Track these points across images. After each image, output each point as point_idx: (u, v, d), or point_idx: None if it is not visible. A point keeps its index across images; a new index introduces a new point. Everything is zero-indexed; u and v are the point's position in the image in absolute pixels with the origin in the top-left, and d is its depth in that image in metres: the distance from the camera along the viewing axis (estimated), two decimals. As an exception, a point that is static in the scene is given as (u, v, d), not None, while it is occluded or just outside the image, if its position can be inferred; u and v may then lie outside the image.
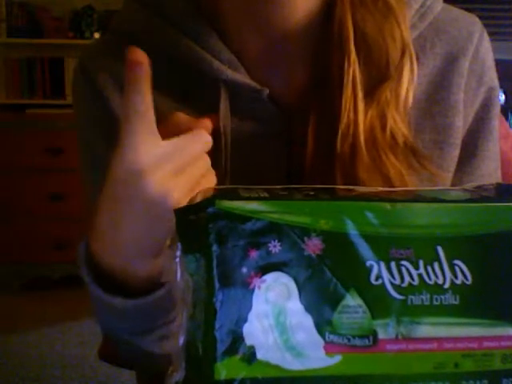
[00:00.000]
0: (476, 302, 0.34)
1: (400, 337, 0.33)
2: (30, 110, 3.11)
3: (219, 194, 0.34)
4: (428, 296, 0.33)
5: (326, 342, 0.33)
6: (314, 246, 0.33)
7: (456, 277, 0.33)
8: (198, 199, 0.34)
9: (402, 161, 0.54)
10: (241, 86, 0.56)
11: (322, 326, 0.33)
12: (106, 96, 0.60)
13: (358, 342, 0.33)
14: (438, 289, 0.33)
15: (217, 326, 0.32)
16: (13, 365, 2.22)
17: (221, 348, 0.32)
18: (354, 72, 0.53)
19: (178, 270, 0.35)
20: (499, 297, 0.34)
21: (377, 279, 0.33)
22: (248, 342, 0.32)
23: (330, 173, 0.54)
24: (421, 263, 0.33)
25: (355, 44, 0.54)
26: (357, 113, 0.53)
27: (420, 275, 0.33)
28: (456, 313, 0.33)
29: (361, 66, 0.54)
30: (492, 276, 0.34)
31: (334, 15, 0.55)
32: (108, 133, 0.60)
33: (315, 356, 0.33)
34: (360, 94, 0.53)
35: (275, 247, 0.33)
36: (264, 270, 0.33)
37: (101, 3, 3.13)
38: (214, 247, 0.33)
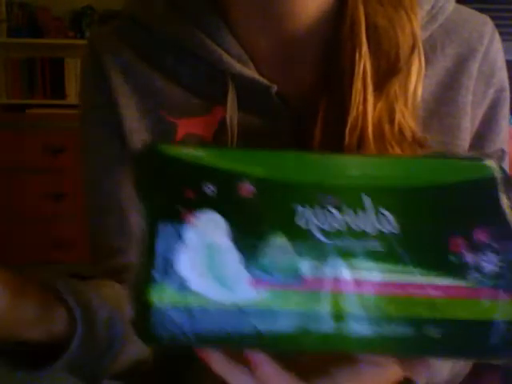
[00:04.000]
0: (399, 251, 0.35)
1: (324, 277, 0.35)
2: (30, 110, 3.11)
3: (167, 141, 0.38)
4: (352, 241, 0.35)
5: (252, 278, 0.35)
6: (245, 189, 0.36)
7: (381, 225, 0.35)
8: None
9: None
10: (249, 81, 0.57)
11: (250, 263, 0.35)
12: (109, 79, 0.60)
13: (283, 279, 0.35)
14: (362, 235, 0.35)
15: (152, 256, 0.35)
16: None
17: (155, 276, 0.35)
18: (364, 64, 0.53)
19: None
20: (422, 247, 0.35)
21: (304, 223, 0.35)
22: (179, 272, 0.35)
23: None
24: (347, 210, 0.35)
25: (366, 36, 0.54)
26: (366, 105, 0.53)
27: (345, 221, 0.35)
28: (380, 259, 0.35)
29: (371, 58, 0.54)
30: (418, 228, 0.35)
31: (345, 8, 0.55)
32: (104, 117, 0.61)
33: (242, 290, 0.35)
34: (370, 87, 0.53)
35: (209, 189, 0.36)
36: (198, 208, 0.35)
37: (101, 3, 3.13)
38: (153, 186, 0.36)
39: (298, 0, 0.54)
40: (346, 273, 0.35)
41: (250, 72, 0.57)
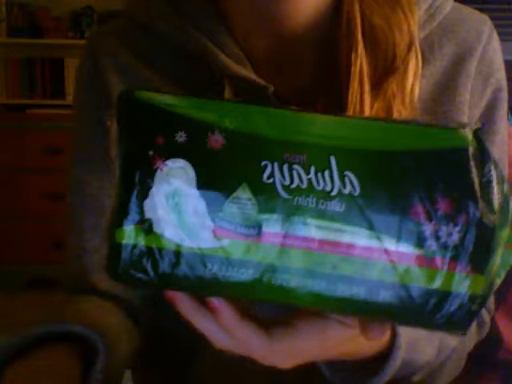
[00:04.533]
0: (360, 213, 0.35)
1: (284, 232, 0.36)
2: (30, 110, 3.11)
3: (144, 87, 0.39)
4: (314, 200, 0.35)
5: (215, 226, 0.36)
6: (215, 140, 0.36)
7: (344, 186, 0.35)
8: None
9: None
10: (245, 81, 0.56)
11: (214, 211, 0.36)
12: (105, 79, 0.60)
13: (244, 230, 0.36)
14: (324, 195, 0.35)
15: (122, 198, 0.37)
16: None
17: (124, 218, 0.37)
18: (361, 64, 0.53)
19: None
20: (383, 212, 0.35)
21: (268, 178, 0.36)
22: (147, 215, 0.36)
23: None
24: (312, 169, 0.35)
25: (363, 36, 0.54)
26: (363, 105, 0.53)
27: (309, 180, 0.35)
28: (340, 219, 0.35)
29: (368, 57, 0.54)
30: (380, 192, 0.35)
31: (342, 7, 0.55)
32: (99, 117, 0.61)
33: (205, 237, 0.36)
34: (367, 87, 0.53)
35: (181, 137, 0.36)
36: (168, 155, 0.36)
37: (101, 3, 3.13)
38: (127, 131, 0.37)
39: (295, 1, 0.54)
40: (304, 230, 0.36)
41: (247, 72, 0.56)
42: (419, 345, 0.54)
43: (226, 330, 0.39)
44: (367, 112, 0.53)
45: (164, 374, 0.67)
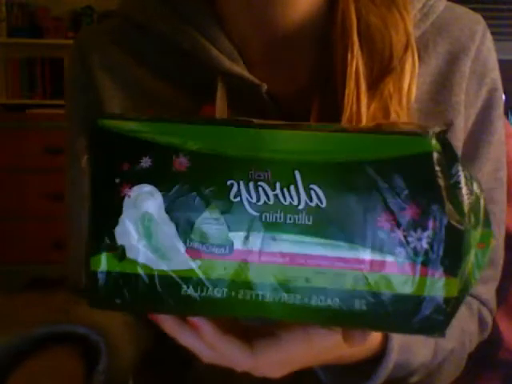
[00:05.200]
0: (329, 225, 0.36)
1: (255, 248, 0.36)
2: (30, 110, 3.11)
3: (108, 115, 0.40)
4: (282, 215, 0.36)
5: (187, 248, 0.37)
6: (180, 163, 0.37)
7: (311, 200, 0.36)
8: None
9: None
10: (239, 79, 0.56)
11: (184, 233, 0.37)
12: (95, 77, 0.60)
13: (215, 249, 0.37)
14: (292, 209, 0.36)
15: (94, 227, 0.38)
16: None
17: (96, 246, 0.37)
18: (357, 64, 0.53)
19: None
20: (352, 222, 0.35)
21: (235, 197, 0.36)
22: (119, 241, 0.37)
23: None
24: (278, 185, 0.36)
25: (359, 35, 0.54)
26: (360, 105, 0.52)
27: (276, 195, 0.36)
28: (309, 232, 0.36)
29: (364, 58, 0.53)
30: (347, 202, 0.36)
31: (336, 7, 0.55)
32: (89, 116, 0.60)
33: (178, 259, 0.37)
34: (363, 87, 0.53)
35: (146, 163, 0.37)
36: (134, 181, 0.37)
37: (101, 3, 3.13)
38: (94, 159, 0.38)
39: (289, 2, 0.54)
40: (275, 245, 0.36)
41: (240, 70, 0.56)
42: (413, 347, 0.54)
43: (210, 346, 0.40)
44: (364, 112, 0.52)
45: (164, 374, 0.67)
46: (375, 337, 0.50)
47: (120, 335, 0.55)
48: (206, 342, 0.40)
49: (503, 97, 0.63)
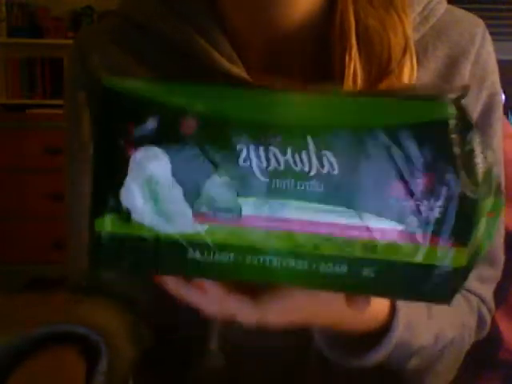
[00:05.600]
0: (340, 192, 0.35)
1: (263, 214, 0.35)
2: (30, 110, 3.11)
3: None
4: (292, 181, 0.35)
5: (194, 212, 0.36)
6: (187, 125, 0.35)
7: (322, 166, 0.35)
8: None
9: None
10: (236, 79, 0.56)
11: (191, 197, 0.35)
12: (91, 75, 0.60)
13: (223, 214, 0.35)
14: (303, 175, 0.35)
15: (98, 188, 0.36)
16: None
17: (101, 208, 0.36)
18: (355, 66, 0.53)
19: None
20: (364, 190, 0.35)
21: (245, 161, 0.35)
22: (124, 204, 0.36)
23: None
24: (289, 150, 0.35)
25: (357, 38, 0.54)
26: None
27: (286, 161, 0.35)
28: (319, 199, 0.35)
29: (362, 60, 0.53)
30: (359, 169, 0.35)
31: (335, 9, 0.55)
32: (87, 115, 0.60)
33: (184, 223, 0.36)
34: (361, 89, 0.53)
35: (153, 124, 0.35)
36: (140, 142, 0.35)
37: (101, 3, 3.13)
38: (98, 119, 0.37)
39: (289, 3, 0.54)
40: (284, 211, 0.35)
41: (239, 71, 0.56)
42: (416, 328, 0.54)
43: (215, 303, 0.40)
44: None
45: (164, 374, 0.67)
46: (382, 309, 0.50)
47: (120, 335, 0.55)
48: (211, 300, 0.40)
49: (503, 99, 0.63)
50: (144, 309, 0.61)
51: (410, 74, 0.54)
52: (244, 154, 0.35)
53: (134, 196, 0.36)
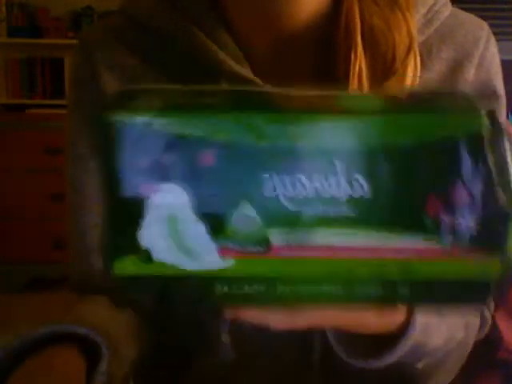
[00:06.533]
0: (372, 215, 0.34)
1: (293, 244, 0.34)
2: (29, 110, 3.11)
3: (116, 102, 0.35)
4: (322, 208, 0.33)
5: (219, 247, 0.34)
6: (206, 157, 0.33)
7: (353, 190, 0.33)
8: None
9: None
10: (242, 79, 0.56)
11: (216, 233, 0.34)
12: (98, 75, 0.60)
13: (251, 248, 0.34)
14: (333, 202, 0.33)
15: (114, 231, 0.34)
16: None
17: (119, 249, 0.35)
18: (360, 65, 0.53)
19: None
20: (397, 210, 0.34)
21: (270, 191, 0.33)
22: (144, 245, 0.34)
23: None
24: (317, 176, 0.33)
25: (362, 37, 0.54)
26: None
27: (315, 188, 0.33)
28: (352, 224, 0.34)
29: (367, 59, 0.53)
30: (393, 190, 0.33)
31: (341, 8, 0.55)
32: (92, 114, 0.60)
33: (209, 259, 0.34)
34: (366, 88, 0.53)
35: (170, 159, 0.34)
36: (158, 180, 0.34)
37: (101, 3, 3.13)
38: (112, 158, 0.34)
39: (295, 1, 0.54)
40: (314, 239, 0.34)
41: (244, 70, 0.56)
42: (431, 330, 0.54)
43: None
44: None
45: (164, 374, 0.67)
46: (400, 311, 0.50)
47: (120, 335, 0.54)
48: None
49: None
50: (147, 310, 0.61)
51: (413, 73, 0.54)
52: (269, 183, 0.33)
53: (154, 236, 0.34)
